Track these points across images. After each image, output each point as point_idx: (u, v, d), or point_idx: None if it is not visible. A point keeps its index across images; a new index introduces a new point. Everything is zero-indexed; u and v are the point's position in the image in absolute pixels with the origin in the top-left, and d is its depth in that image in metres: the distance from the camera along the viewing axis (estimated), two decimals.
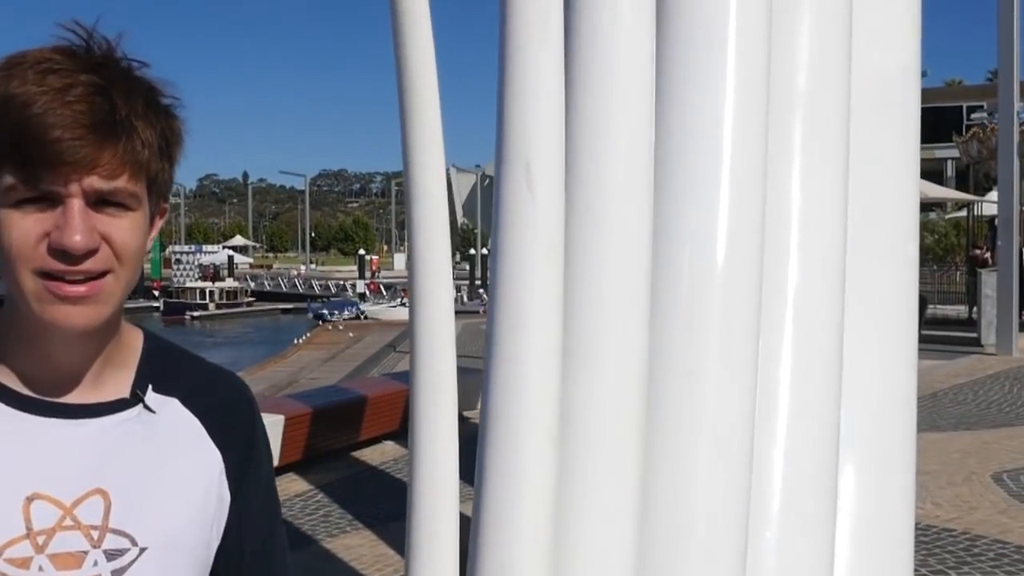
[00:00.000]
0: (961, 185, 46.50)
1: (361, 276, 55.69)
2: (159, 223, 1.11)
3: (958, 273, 28.52)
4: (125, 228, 1.01)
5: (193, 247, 68.32)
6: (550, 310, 2.71)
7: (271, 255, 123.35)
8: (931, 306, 25.41)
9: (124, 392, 1.11)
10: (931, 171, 58.95)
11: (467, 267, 52.50)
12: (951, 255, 41.56)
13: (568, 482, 2.77)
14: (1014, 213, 16.15)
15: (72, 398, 1.09)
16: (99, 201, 0.99)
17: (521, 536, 2.51)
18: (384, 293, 47.65)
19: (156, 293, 55.50)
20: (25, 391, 1.08)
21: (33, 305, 1.01)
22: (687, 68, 3.37)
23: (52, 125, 0.96)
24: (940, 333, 18.91)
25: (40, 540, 1.04)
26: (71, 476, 1.06)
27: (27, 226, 0.98)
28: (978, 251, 23.64)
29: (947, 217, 46.12)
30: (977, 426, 9.79)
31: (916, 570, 5.12)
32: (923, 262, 43.03)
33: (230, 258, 61.03)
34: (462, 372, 2.83)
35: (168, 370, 1.15)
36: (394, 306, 41.19)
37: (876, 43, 5.37)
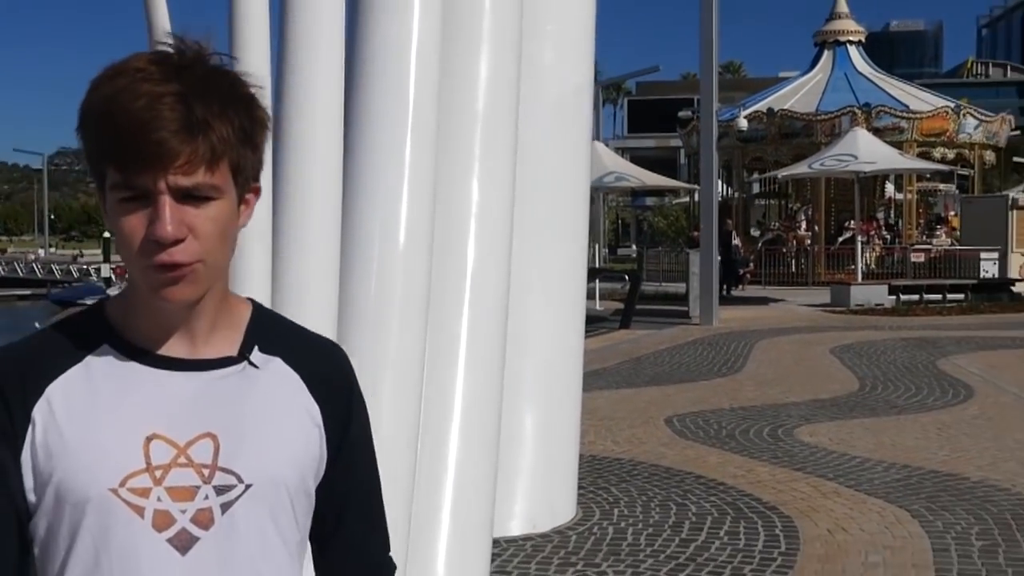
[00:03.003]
0: (691, 172, 49.88)
1: (107, 260, 53.84)
2: (253, 201, 1.26)
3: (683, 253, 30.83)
4: (209, 218, 1.16)
5: None
6: (262, 274, 3.70)
7: (5, 238, 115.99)
8: (657, 284, 27.53)
9: (232, 351, 1.26)
10: (666, 159, 62.94)
11: None
12: (682, 237, 44.54)
13: None
14: (714, 200, 18.26)
15: (185, 354, 1.24)
16: (185, 195, 1.14)
17: None
18: None
19: None
20: (144, 347, 1.23)
21: (144, 286, 1.18)
22: (374, 96, 4.44)
23: (144, 130, 1.11)
24: (659, 307, 20.96)
25: (158, 474, 1.18)
26: (184, 420, 1.21)
27: (132, 223, 1.15)
28: (696, 233, 26.03)
29: (675, 202, 49.55)
30: (666, 382, 11.46)
31: (584, 487, 6.49)
32: (655, 243, 45.92)
33: None
34: None
35: (273, 334, 1.30)
36: None
37: (556, 68, 6.71)
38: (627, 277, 20.81)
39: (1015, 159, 54.34)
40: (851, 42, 31.66)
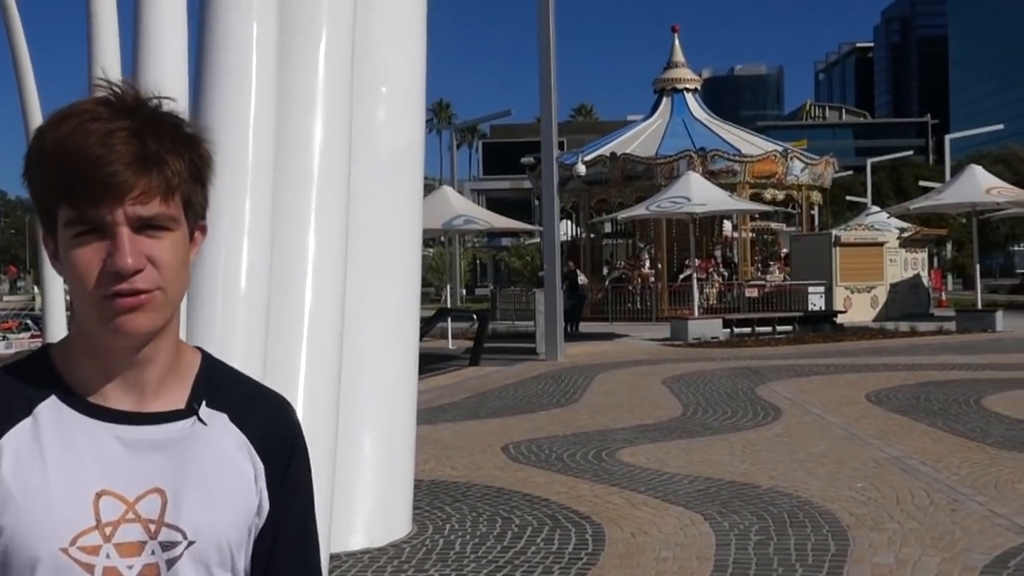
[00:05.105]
0: (543, 213, 50.71)
1: None
2: (200, 239, 1.27)
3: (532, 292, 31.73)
4: (167, 248, 1.17)
5: None
6: None
7: None
8: (511, 322, 28.36)
9: (180, 404, 1.25)
10: (521, 200, 64.37)
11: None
12: (535, 276, 45.54)
13: None
14: (556, 241, 19.22)
15: (134, 407, 1.23)
16: (143, 226, 1.15)
17: None
18: None
19: None
20: (91, 399, 1.22)
21: (99, 321, 1.16)
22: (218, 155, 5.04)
23: (99, 163, 1.12)
24: (509, 345, 21.81)
25: (107, 531, 1.18)
26: (133, 475, 1.20)
27: (87, 256, 1.14)
28: (543, 273, 27.00)
29: (528, 243, 50.77)
30: (507, 414, 12.20)
31: (421, 507, 7.15)
32: (511, 283, 46.70)
33: None
34: None
35: (221, 388, 1.29)
36: None
37: (389, 125, 7.42)
38: (475, 317, 21.59)
39: (848, 198, 57.78)
40: (688, 89, 33.52)
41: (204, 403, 1.27)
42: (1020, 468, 8.21)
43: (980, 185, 25.22)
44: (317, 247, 6.02)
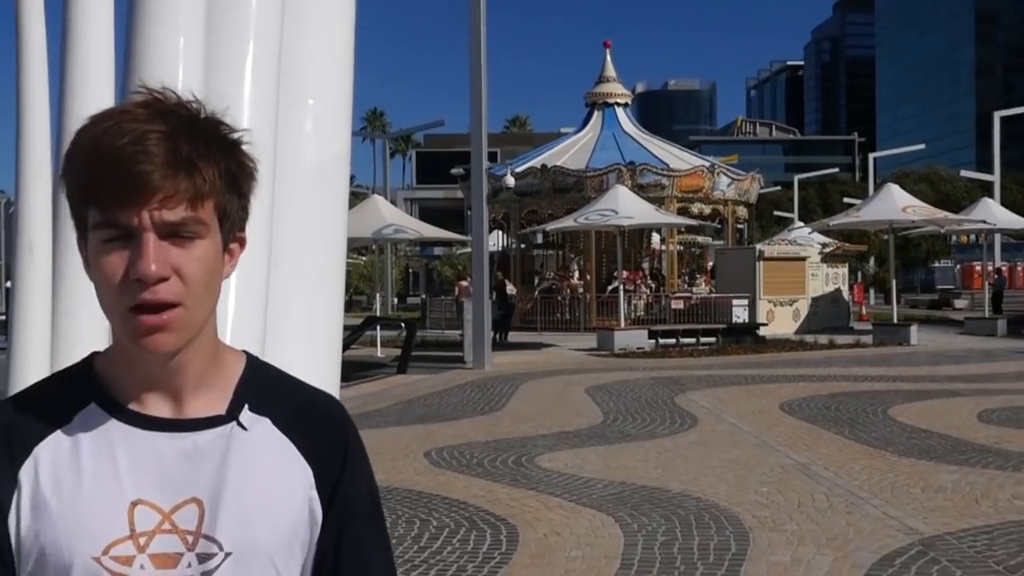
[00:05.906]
0: None
1: None
2: (238, 251, 1.23)
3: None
4: (194, 258, 1.13)
5: None
6: (44, 322, 4.39)
7: None
8: (441, 331, 28.53)
9: (220, 410, 1.22)
10: (454, 209, 64.55)
11: None
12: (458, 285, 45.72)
13: None
14: (484, 252, 19.47)
15: (171, 414, 1.20)
16: (171, 234, 1.12)
17: None
18: None
19: None
20: (130, 406, 1.20)
21: (125, 334, 1.15)
22: None
23: (126, 164, 1.10)
24: (439, 353, 21.98)
25: (142, 541, 1.15)
26: (170, 485, 1.17)
27: (113, 263, 1.11)
28: (463, 283, 27.31)
29: (460, 252, 50.98)
30: (431, 421, 12.41)
31: None
32: (441, 292, 46.76)
33: None
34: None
35: (265, 391, 1.25)
36: None
37: (315, 137, 7.59)
38: (403, 325, 21.74)
39: (776, 213, 58.93)
40: (618, 104, 34.05)
41: (247, 407, 1.23)
42: (916, 474, 8.64)
43: (896, 203, 26.03)
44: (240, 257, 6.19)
